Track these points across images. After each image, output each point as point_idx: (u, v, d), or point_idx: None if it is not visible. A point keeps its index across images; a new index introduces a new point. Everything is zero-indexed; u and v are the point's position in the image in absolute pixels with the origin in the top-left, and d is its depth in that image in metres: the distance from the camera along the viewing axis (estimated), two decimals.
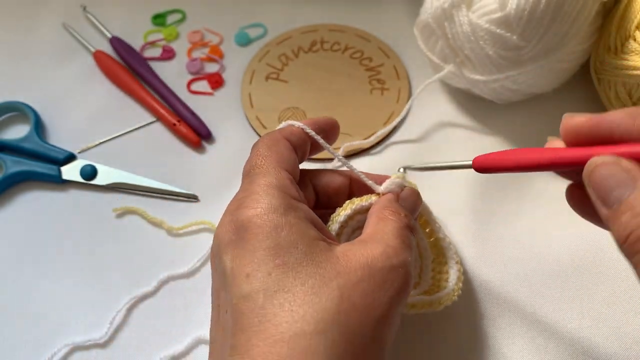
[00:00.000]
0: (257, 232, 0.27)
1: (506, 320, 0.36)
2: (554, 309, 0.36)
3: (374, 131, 0.45)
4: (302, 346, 0.24)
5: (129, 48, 0.51)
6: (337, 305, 0.25)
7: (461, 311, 0.36)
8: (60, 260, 0.40)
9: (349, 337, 0.25)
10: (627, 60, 0.39)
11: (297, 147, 0.32)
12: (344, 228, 0.32)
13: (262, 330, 0.24)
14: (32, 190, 0.44)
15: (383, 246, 0.28)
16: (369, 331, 0.25)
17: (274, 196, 0.28)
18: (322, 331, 0.24)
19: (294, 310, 0.24)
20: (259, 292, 0.25)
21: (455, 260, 0.35)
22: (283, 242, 0.26)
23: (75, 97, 0.49)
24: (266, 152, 0.31)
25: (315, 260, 0.26)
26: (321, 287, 0.25)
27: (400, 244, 0.28)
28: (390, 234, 0.29)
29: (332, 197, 0.34)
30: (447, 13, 0.40)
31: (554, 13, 0.37)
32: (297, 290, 0.25)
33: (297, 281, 0.25)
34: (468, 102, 0.46)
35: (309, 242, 0.27)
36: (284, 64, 0.50)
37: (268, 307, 0.25)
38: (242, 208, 0.28)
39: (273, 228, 0.27)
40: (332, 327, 0.24)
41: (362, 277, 0.26)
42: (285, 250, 0.26)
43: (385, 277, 0.27)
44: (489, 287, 0.37)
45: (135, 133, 0.47)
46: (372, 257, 0.27)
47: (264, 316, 0.24)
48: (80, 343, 0.36)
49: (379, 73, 0.49)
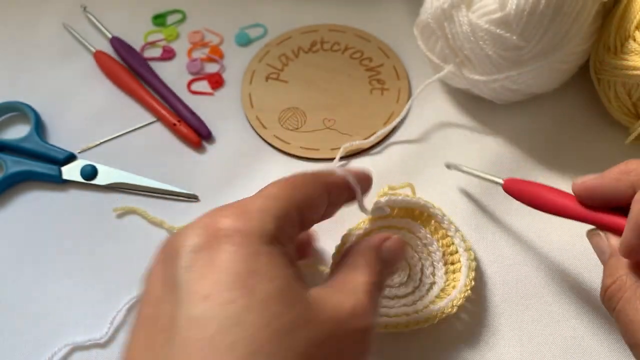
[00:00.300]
0: (234, 249, 0.23)
1: (505, 321, 0.36)
2: (552, 311, 0.36)
3: (374, 131, 0.45)
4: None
5: (129, 48, 0.51)
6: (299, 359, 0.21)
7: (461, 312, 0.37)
8: (61, 260, 0.41)
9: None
10: (626, 60, 0.39)
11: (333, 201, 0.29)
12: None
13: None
14: (32, 190, 0.44)
15: (353, 301, 0.25)
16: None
17: (267, 223, 0.24)
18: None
19: (245, 356, 0.20)
20: (213, 320, 0.21)
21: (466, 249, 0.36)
22: (259, 271, 0.22)
23: (76, 97, 0.49)
24: (297, 183, 0.27)
25: (287, 300, 0.22)
26: (286, 334, 0.21)
27: (369, 303, 0.26)
28: (360, 287, 0.26)
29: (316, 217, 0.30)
30: (447, 13, 0.40)
31: (553, 13, 0.37)
32: (256, 332, 0.21)
33: (260, 320, 0.21)
34: (468, 102, 0.46)
35: (287, 279, 0.23)
36: (284, 64, 0.50)
37: (217, 341, 0.21)
38: (225, 216, 0.24)
39: (253, 253, 0.23)
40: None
41: (331, 333, 0.23)
42: (258, 280, 0.22)
43: (350, 339, 0.24)
44: (489, 288, 0.37)
45: (135, 133, 0.47)
46: (342, 312, 0.24)
47: (210, 349, 0.20)
48: (80, 343, 0.36)
49: (379, 73, 0.49)
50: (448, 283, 0.35)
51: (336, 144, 0.44)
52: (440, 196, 0.41)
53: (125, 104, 0.49)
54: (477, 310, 0.37)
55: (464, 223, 0.40)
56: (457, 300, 0.34)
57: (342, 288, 0.26)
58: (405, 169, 0.43)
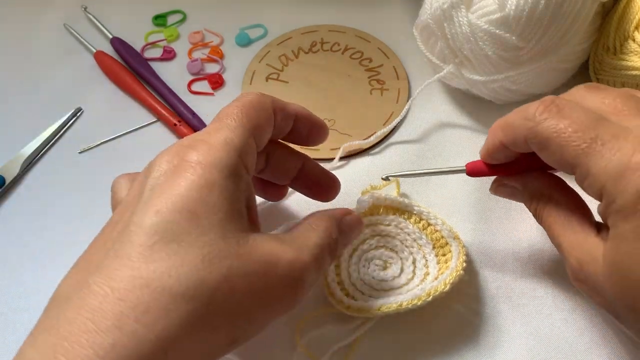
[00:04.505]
0: (193, 179, 0.26)
1: (504, 315, 0.36)
2: (551, 304, 0.36)
3: (374, 131, 0.45)
4: (163, 302, 0.23)
5: (129, 48, 0.51)
6: (218, 283, 0.24)
7: (461, 304, 0.37)
8: (62, 259, 0.41)
9: (209, 318, 0.24)
10: (626, 60, 0.39)
11: (278, 123, 0.31)
12: None
13: (136, 268, 0.23)
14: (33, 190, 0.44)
15: (295, 254, 0.27)
16: (231, 323, 0.25)
17: (228, 154, 0.27)
18: (190, 298, 0.23)
19: (175, 267, 0.24)
20: (157, 233, 0.24)
21: (454, 238, 0.37)
22: (208, 201, 0.25)
23: (76, 97, 0.49)
24: (250, 110, 0.29)
25: (224, 232, 0.25)
26: (213, 260, 0.24)
27: (313, 262, 0.28)
28: (310, 248, 0.29)
29: (280, 172, 0.35)
30: (447, 14, 0.40)
31: (553, 13, 0.37)
32: (190, 251, 0.24)
33: (196, 243, 0.24)
34: (467, 103, 0.47)
35: (231, 214, 0.26)
36: (284, 64, 0.50)
37: (156, 250, 0.24)
38: (194, 150, 0.27)
39: (208, 185, 0.26)
40: (201, 299, 0.24)
41: (257, 271, 0.26)
42: (205, 210, 0.25)
43: (277, 284, 0.27)
44: (488, 283, 0.38)
45: (136, 133, 0.47)
46: (277, 259, 0.27)
47: (146, 257, 0.24)
48: None
49: (378, 73, 0.49)
50: (441, 271, 0.36)
51: (336, 144, 0.44)
52: (440, 195, 0.41)
53: (126, 104, 0.49)
54: (475, 306, 0.37)
55: (463, 219, 0.40)
56: (450, 278, 0.35)
57: (290, 242, 0.28)
58: (404, 169, 0.43)
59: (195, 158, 0.26)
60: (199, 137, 0.28)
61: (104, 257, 0.25)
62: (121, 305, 0.23)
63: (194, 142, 0.27)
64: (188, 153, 0.27)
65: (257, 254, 0.26)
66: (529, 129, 0.28)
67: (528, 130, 0.28)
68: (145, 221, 0.25)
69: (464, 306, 0.37)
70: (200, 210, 0.25)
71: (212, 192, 0.26)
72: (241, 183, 0.27)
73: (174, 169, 0.26)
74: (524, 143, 0.29)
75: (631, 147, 0.25)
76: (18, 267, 0.40)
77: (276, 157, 0.34)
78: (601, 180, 0.26)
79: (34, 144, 0.46)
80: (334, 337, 0.35)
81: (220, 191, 0.26)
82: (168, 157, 0.27)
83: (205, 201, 0.25)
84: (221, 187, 0.26)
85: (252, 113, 0.29)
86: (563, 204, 0.31)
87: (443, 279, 0.35)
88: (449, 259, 0.36)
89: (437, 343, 0.36)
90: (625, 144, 0.25)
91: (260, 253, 0.26)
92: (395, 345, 0.36)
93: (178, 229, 0.24)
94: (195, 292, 0.24)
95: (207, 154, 0.26)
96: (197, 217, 0.25)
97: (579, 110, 0.27)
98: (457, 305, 0.37)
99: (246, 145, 0.28)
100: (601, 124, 0.27)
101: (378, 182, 0.40)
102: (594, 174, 0.26)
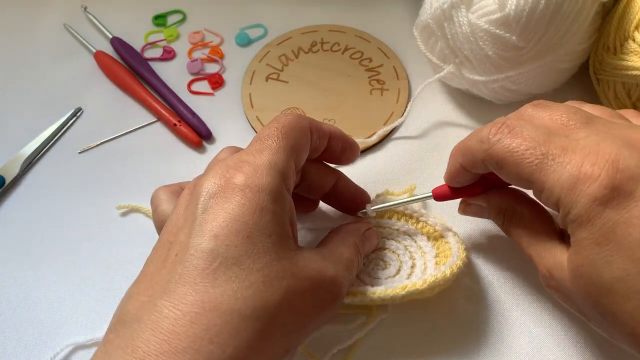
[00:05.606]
0: (244, 202, 0.27)
1: (506, 305, 0.36)
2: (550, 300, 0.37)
3: (374, 131, 0.45)
4: (233, 323, 0.25)
5: (129, 48, 0.51)
6: (279, 303, 0.26)
7: (461, 297, 0.37)
8: (62, 260, 0.41)
9: (272, 333, 0.26)
10: (626, 60, 0.39)
11: (314, 142, 0.33)
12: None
13: (203, 292, 0.25)
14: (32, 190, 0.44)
15: (335, 270, 0.30)
16: (287, 335, 0.27)
17: (275, 179, 0.28)
18: (256, 318, 0.25)
19: (240, 289, 0.25)
20: (218, 257, 0.26)
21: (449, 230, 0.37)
22: (262, 226, 0.27)
23: (76, 97, 0.49)
24: (289, 131, 0.30)
25: (279, 254, 0.27)
26: (273, 280, 0.26)
27: (347, 275, 0.31)
28: (343, 261, 0.31)
29: (315, 188, 0.36)
30: (447, 14, 0.40)
31: (553, 13, 0.37)
32: (251, 274, 0.26)
33: (255, 265, 0.26)
34: (467, 103, 0.47)
35: (282, 236, 0.28)
36: (284, 64, 0.50)
37: (219, 274, 0.25)
38: (241, 172, 0.28)
39: (259, 209, 0.27)
40: (266, 318, 0.26)
41: (309, 288, 0.28)
42: (259, 233, 0.27)
43: (325, 298, 0.29)
44: (487, 275, 0.38)
45: (136, 133, 0.47)
46: (323, 276, 0.29)
47: (212, 280, 0.25)
48: (82, 342, 0.37)
49: (378, 73, 0.49)
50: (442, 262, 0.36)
51: None
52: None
53: (126, 104, 0.49)
54: (475, 301, 0.37)
55: (465, 221, 0.40)
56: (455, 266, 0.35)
57: (329, 257, 0.31)
58: (404, 169, 0.43)
59: (242, 181, 0.27)
60: (244, 158, 0.29)
61: (167, 281, 0.26)
62: (194, 327, 0.24)
63: (240, 163, 0.28)
64: (235, 175, 0.28)
65: (307, 272, 0.28)
66: (484, 151, 0.29)
67: (484, 152, 0.29)
68: (204, 245, 0.26)
69: (466, 301, 0.37)
70: (254, 233, 0.26)
71: (263, 216, 0.27)
72: (286, 205, 0.29)
73: (223, 192, 0.27)
74: (482, 164, 0.30)
75: (579, 158, 0.26)
76: (18, 267, 0.40)
77: (312, 174, 0.35)
78: (555, 193, 0.27)
79: (34, 144, 0.46)
80: (334, 337, 0.35)
81: (271, 215, 0.27)
82: (214, 179, 0.28)
83: (258, 225, 0.27)
84: (270, 210, 0.27)
85: (291, 134, 0.30)
86: (527, 216, 0.32)
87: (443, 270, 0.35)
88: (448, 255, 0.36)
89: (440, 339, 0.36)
90: (574, 156, 0.26)
91: (309, 270, 0.28)
92: (397, 345, 0.36)
93: (237, 253, 0.26)
94: (260, 312, 0.25)
95: (253, 177, 0.28)
96: (253, 241, 0.26)
97: (529, 128, 0.28)
98: (460, 301, 0.37)
99: (288, 167, 0.29)
100: (550, 139, 0.28)
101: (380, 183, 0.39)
102: (549, 188, 0.27)
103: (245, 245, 0.26)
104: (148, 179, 0.44)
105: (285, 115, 0.32)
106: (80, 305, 0.38)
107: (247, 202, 0.27)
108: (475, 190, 0.35)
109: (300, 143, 0.31)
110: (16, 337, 0.37)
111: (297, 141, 0.31)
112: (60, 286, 0.39)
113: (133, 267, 0.39)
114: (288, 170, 0.29)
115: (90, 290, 0.39)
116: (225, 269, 0.25)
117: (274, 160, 0.29)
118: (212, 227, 0.26)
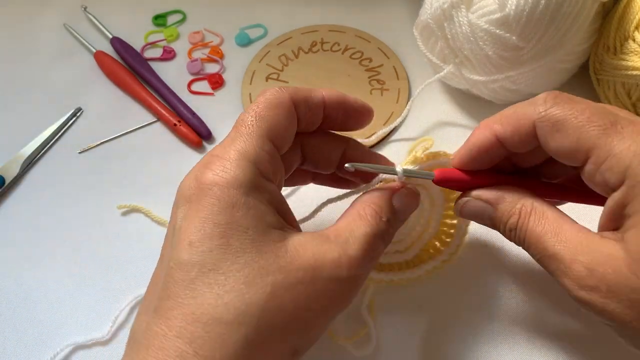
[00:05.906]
0: (213, 202, 0.25)
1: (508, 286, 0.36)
2: (551, 297, 0.37)
3: (374, 131, 0.45)
4: (216, 332, 0.23)
5: (129, 48, 0.51)
6: (264, 302, 0.24)
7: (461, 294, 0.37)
8: (62, 260, 0.41)
9: (264, 337, 0.24)
10: (626, 60, 0.39)
11: (303, 116, 0.30)
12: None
13: (185, 305, 0.24)
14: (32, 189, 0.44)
15: (340, 252, 0.26)
16: (287, 336, 0.25)
17: (244, 170, 0.26)
18: (241, 323, 0.24)
19: (220, 295, 0.24)
20: (195, 266, 0.24)
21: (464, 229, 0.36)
22: (235, 223, 0.25)
23: (76, 97, 0.49)
24: (263, 112, 0.28)
25: (260, 249, 0.25)
26: (255, 279, 0.24)
27: (362, 255, 0.27)
28: (357, 240, 0.27)
29: (321, 162, 0.33)
30: (447, 14, 0.40)
31: (553, 13, 0.37)
32: (230, 276, 0.24)
33: (234, 266, 0.24)
34: (467, 103, 0.47)
35: (261, 229, 0.26)
36: (284, 64, 0.50)
37: (198, 283, 0.24)
38: (209, 169, 0.26)
39: (230, 205, 0.25)
40: (251, 321, 0.24)
41: (302, 280, 0.25)
42: (234, 231, 0.25)
43: (326, 287, 0.26)
44: (487, 275, 0.38)
45: (136, 133, 0.47)
46: (322, 261, 0.26)
47: (191, 291, 0.24)
48: (82, 342, 0.37)
49: (378, 73, 0.49)
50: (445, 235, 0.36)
51: None
52: None
53: (126, 104, 0.49)
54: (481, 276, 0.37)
55: None
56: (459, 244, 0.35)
57: (333, 238, 0.27)
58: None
59: (210, 179, 0.26)
60: (215, 152, 0.27)
61: (158, 298, 0.25)
62: (179, 342, 0.23)
63: (210, 158, 0.27)
64: (204, 174, 0.26)
65: (298, 261, 0.25)
66: (539, 112, 0.27)
67: (538, 114, 0.27)
68: (181, 256, 0.25)
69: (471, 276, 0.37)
70: (228, 233, 0.25)
71: (235, 212, 0.25)
72: (263, 195, 0.27)
73: (196, 195, 0.26)
74: (529, 131, 0.28)
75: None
76: (18, 267, 0.40)
77: (311, 148, 0.32)
78: (626, 160, 0.24)
79: (33, 144, 0.46)
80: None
81: (244, 209, 0.25)
82: (189, 182, 0.27)
83: (231, 223, 0.25)
84: (243, 204, 0.25)
85: (266, 115, 0.28)
86: (550, 214, 0.28)
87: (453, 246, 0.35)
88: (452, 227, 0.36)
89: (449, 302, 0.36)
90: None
91: (302, 260, 0.25)
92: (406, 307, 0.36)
93: (213, 258, 0.24)
94: (244, 316, 0.24)
95: (222, 172, 0.26)
96: (228, 241, 0.25)
97: (587, 100, 0.27)
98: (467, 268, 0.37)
99: (261, 152, 0.27)
100: (616, 111, 0.26)
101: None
102: (617, 154, 0.25)
103: (221, 248, 0.25)
104: (148, 179, 0.44)
105: (265, 90, 0.29)
106: (80, 305, 0.38)
107: (216, 201, 0.25)
108: (489, 180, 0.31)
109: (279, 121, 0.28)
110: (16, 337, 0.37)
111: (275, 121, 0.28)
112: (60, 286, 0.39)
113: (133, 267, 0.40)
114: (262, 155, 0.27)
115: (90, 290, 0.39)
116: (203, 277, 0.24)
117: (245, 148, 0.27)
118: (187, 235, 0.25)
